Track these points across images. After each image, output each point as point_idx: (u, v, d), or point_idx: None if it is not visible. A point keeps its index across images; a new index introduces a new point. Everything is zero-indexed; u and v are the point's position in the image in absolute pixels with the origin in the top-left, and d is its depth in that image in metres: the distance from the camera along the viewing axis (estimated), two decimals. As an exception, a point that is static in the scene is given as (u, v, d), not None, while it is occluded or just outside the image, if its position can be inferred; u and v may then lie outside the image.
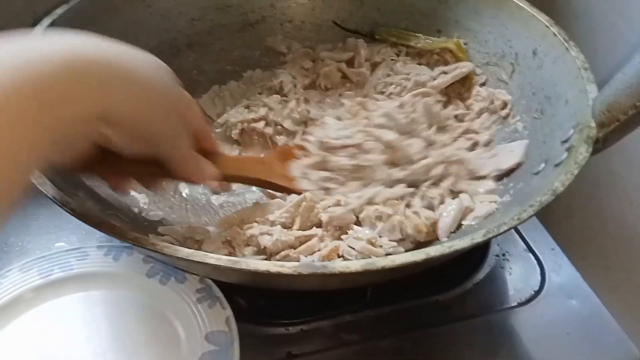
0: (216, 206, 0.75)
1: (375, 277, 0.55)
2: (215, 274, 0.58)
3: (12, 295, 0.64)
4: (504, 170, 0.68)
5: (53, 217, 0.78)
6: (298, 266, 0.46)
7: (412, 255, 0.47)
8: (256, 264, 0.46)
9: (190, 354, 0.59)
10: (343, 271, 0.46)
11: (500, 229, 0.50)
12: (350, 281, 0.54)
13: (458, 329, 0.67)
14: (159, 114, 0.51)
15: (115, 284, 0.65)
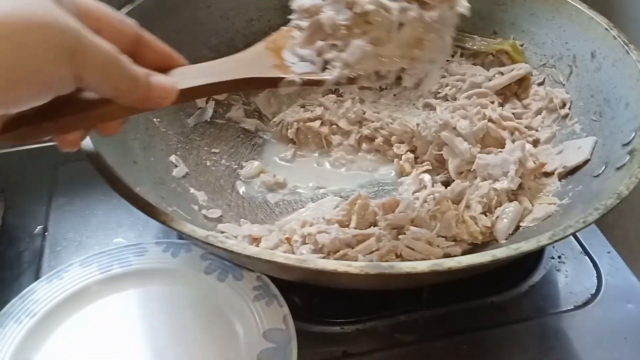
0: (272, 204, 0.76)
1: (439, 277, 0.55)
2: (279, 272, 0.58)
3: (73, 289, 0.65)
4: (569, 168, 0.68)
5: (111, 213, 0.80)
6: (365, 266, 0.46)
7: (478, 257, 0.47)
8: (324, 264, 0.47)
9: (248, 351, 0.60)
10: (410, 272, 0.46)
11: (566, 231, 0.50)
12: (414, 281, 0.55)
13: (514, 331, 0.66)
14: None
15: (173, 280, 0.66)
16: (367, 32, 0.54)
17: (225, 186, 0.77)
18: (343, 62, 0.54)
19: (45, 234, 0.77)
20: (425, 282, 0.58)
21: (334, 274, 0.47)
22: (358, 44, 0.53)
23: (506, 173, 0.67)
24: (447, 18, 0.55)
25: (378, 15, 0.53)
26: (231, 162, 0.81)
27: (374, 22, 0.53)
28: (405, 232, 0.64)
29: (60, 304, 0.63)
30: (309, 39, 0.57)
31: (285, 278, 0.60)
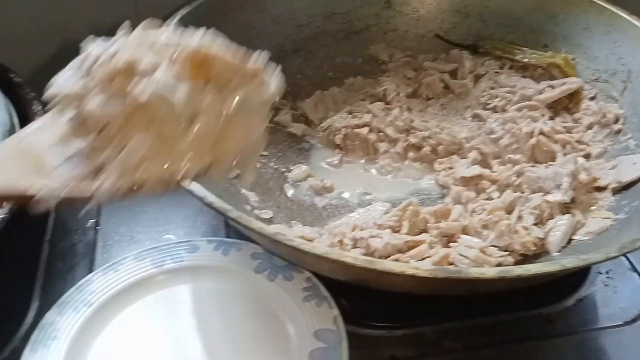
0: (319, 208, 0.77)
1: (504, 284, 0.55)
2: (342, 272, 0.58)
3: (128, 281, 0.66)
4: (624, 183, 0.68)
5: (160, 210, 0.81)
6: (434, 270, 0.47)
7: (546, 266, 0.48)
8: (391, 265, 0.47)
9: (299, 350, 0.60)
10: (478, 277, 0.46)
11: (634, 244, 0.50)
12: (477, 287, 0.55)
13: (561, 343, 0.66)
14: None
15: (224, 278, 0.67)
16: (149, 128, 0.40)
17: (274, 188, 0.78)
18: (120, 168, 0.40)
19: (97, 227, 0.78)
20: (488, 288, 0.58)
21: (399, 276, 0.47)
22: (137, 142, 0.40)
23: (559, 186, 0.67)
24: (255, 98, 0.44)
25: (160, 108, 0.40)
26: (279, 165, 0.82)
27: (155, 116, 0.40)
28: (455, 240, 0.64)
29: (116, 296, 0.65)
30: (74, 133, 0.42)
31: (344, 278, 0.60)
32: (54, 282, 0.71)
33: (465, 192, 0.72)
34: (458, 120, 0.86)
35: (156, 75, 0.39)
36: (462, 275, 0.46)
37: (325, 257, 0.49)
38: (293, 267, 0.67)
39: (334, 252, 0.49)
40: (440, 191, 0.77)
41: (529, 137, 0.75)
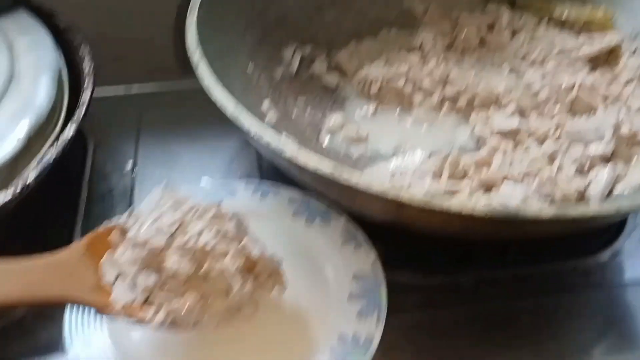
0: (354, 158, 0.76)
1: (557, 227, 0.54)
2: (391, 213, 0.57)
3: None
4: None
5: (195, 156, 0.82)
6: (491, 210, 0.46)
7: (604, 206, 0.48)
8: (449, 204, 0.47)
9: (338, 292, 0.61)
10: (535, 217, 0.46)
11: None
12: (529, 229, 0.54)
13: (597, 297, 0.66)
14: None
15: (263, 221, 0.67)
16: (198, 288, 0.50)
17: (310, 137, 0.78)
18: (170, 310, 0.50)
19: (134, 171, 0.79)
20: (538, 232, 0.58)
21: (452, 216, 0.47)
22: (189, 295, 0.50)
23: (601, 138, 0.67)
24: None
25: (218, 284, 0.51)
26: (315, 113, 0.82)
27: (211, 287, 0.51)
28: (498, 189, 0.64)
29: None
30: (139, 265, 0.50)
31: (390, 219, 0.60)
32: (93, 223, 0.70)
33: (502, 143, 0.72)
34: (495, 73, 0.84)
35: (226, 262, 0.51)
36: (519, 216, 0.46)
37: (382, 195, 0.48)
38: (331, 211, 0.67)
39: (392, 189, 0.48)
40: (476, 144, 0.77)
41: (568, 90, 0.74)
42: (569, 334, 0.63)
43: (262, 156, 0.80)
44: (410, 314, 0.64)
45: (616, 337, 0.63)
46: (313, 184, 0.62)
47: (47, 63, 0.71)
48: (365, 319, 0.59)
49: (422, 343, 0.61)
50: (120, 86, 0.93)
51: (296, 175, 0.62)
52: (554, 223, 0.49)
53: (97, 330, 0.58)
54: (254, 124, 0.57)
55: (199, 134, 0.84)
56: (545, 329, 0.63)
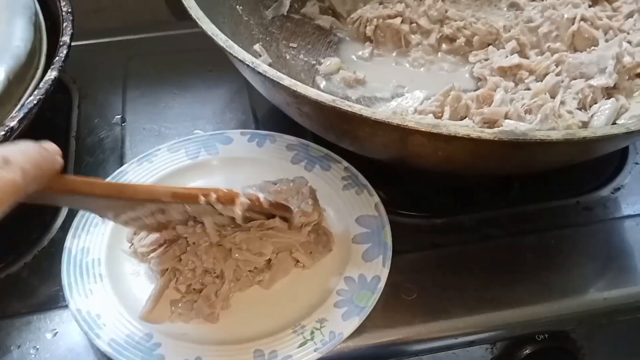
0: (353, 100, 0.75)
1: (567, 150, 0.53)
2: (395, 147, 0.55)
3: (164, 172, 0.66)
4: None
5: (187, 106, 0.80)
6: (498, 132, 0.45)
7: (612, 129, 0.46)
8: (456, 129, 0.45)
9: (342, 234, 0.60)
10: (544, 139, 0.45)
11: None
12: (539, 155, 0.53)
13: (600, 230, 0.66)
14: None
15: (261, 169, 0.66)
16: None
17: (306, 80, 0.76)
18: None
19: (123, 124, 0.77)
20: (548, 159, 0.56)
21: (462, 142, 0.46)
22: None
23: (603, 70, 0.66)
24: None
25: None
26: (309, 57, 0.80)
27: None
28: (500, 125, 0.63)
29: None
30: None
31: (395, 154, 0.58)
32: (85, 175, 0.70)
33: (503, 82, 0.70)
34: (493, 10, 0.82)
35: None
36: (528, 138, 0.45)
37: (387, 122, 0.46)
38: (330, 157, 0.66)
39: (396, 118, 0.46)
40: (476, 84, 0.75)
41: (570, 23, 0.72)
42: (572, 268, 0.63)
43: (256, 104, 0.78)
44: (415, 254, 0.63)
45: (617, 271, 0.63)
46: (312, 123, 0.60)
47: (21, 4, 0.67)
48: (372, 259, 0.58)
49: (427, 282, 0.60)
50: (104, 34, 0.90)
51: (295, 114, 0.60)
52: (563, 147, 0.47)
53: (97, 282, 0.56)
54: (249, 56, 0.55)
55: (188, 83, 0.82)
56: (548, 265, 0.63)
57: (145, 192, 0.50)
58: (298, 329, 0.54)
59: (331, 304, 0.55)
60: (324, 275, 0.58)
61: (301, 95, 0.50)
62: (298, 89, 0.50)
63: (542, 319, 0.59)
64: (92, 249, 0.58)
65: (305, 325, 0.54)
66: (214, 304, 0.54)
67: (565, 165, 0.59)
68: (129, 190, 0.50)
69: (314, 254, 0.59)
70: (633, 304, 0.61)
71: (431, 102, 0.65)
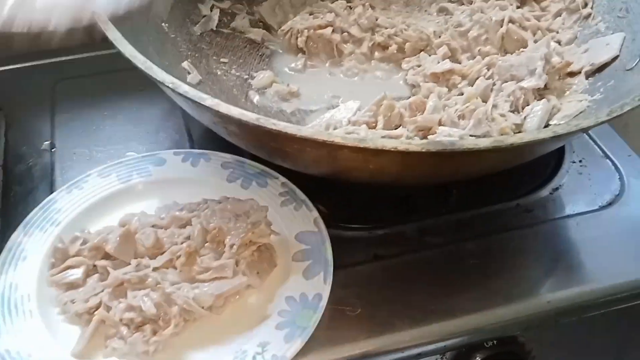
0: (288, 113, 0.74)
1: (497, 157, 0.53)
2: (324, 162, 0.55)
3: (95, 199, 0.64)
4: (597, 65, 0.67)
5: (119, 128, 0.77)
6: (426, 143, 0.44)
7: (540, 133, 0.46)
8: (383, 142, 0.44)
9: (282, 252, 0.59)
10: (471, 148, 0.44)
11: (623, 108, 0.49)
12: (470, 163, 0.53)
13: (541, 231, 0.66)
14: None
15: (196, 190, 0.64)
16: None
17: (239, 96, 0.75)
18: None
19: (52, 150, 0.74)
20: (477, 167, 0.56)
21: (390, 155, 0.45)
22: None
23: (533, 71, 0.66)
24: None
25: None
26: (241, 72, 0.79)
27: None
28: (433, 132, 0.63)
29: (84, 213, 0.62)
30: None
31: (326, 170, 0.57)
32: (13, 206, 0.67)
33: (436, 88, 0.70)
34: (424, 15, 0.83)
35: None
36: (456, 148, 0.44)
37: (313, 139, 0.46)
38: (267, 173, 0.65)
39: (322, 134, 0.46)
40: (410, 90, 0.75)
41: (498, 25, 0.73)
42: (516, 271, 0.63)
43: (190, 123, 0.76)
44: (357, 268, 0.62)
45: (563, 271, 0.63)
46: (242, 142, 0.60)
47: None
48: (313, 277, 0.57)
49: (371, 296, 0.59)
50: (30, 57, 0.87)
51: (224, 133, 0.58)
52: (492, 154, 0.47)
53: (27, 319, 0.54)
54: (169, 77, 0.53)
55: (119, 103, 0.80)
56: (492, 269, 0.62)
57: None
58: (239, 355, 0.52)
59: (273, 326, 0.54)
60: (265, 296, 0.57)
61: (224, 115, 0.48)
62: (221, 108, 0.48)
63: (488, 326, 0.59)
64: (21, 285, 0.56)
65: (246, 350, 0.52)
66: (148, 342, 0.52)
67: (500, 169, 0.59)
68: None
69: (261, 273, 0.58)
70: (578, 304, 0.61)
71: (364, 113, 0.64)
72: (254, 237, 0.57)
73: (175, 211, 0.60)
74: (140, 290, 0.54)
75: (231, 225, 0.57)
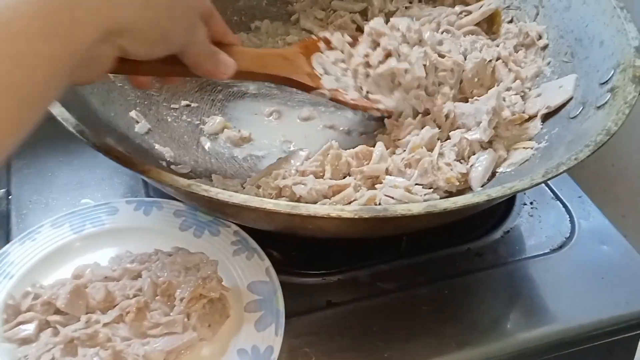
0: (240, 159, 0.74)
1: (432, 220, 0.54)
2: (265, 221, 0.56)
3: (47, 250, 0.63)
4: (553, 107, 0.68)
5: (74, 174, 0.77)
6: (358, 210, 0.45)
7: (474, 197, 0.47)
8: (316, 209, 0.45)
9: (235, 304, 0.59)
10: (405, 214, 0.45)
11: (559, 168, 0.50)
12: (405, 225, 0.54)
13: (492, 275, 0.67)
14: (169, 13, 0.48)
15: (149, 238, 0.64)
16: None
17: (190, 142, 0.75)
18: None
19: (9, 197, 0.74)
20: (416, 226, 0.58)
21: (325, 220, 0.46)
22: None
23: (479, 123, 0.67)
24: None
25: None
26: (192, 117, 0.79)
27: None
28: (380, 181, 0.64)
29: (37, 265, 0.62)
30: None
31: (268, 228, 0.59)
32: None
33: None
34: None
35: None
36: (389, 214, 0.45)
37: (245, 205, 0.46)
38: (219, 221, 0.65)
39: (254, 200, 0.46)
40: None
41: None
42: (471, 316, 0.63)
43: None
44: (311, 316, 0.62)
45: (519, 314, 0.64)
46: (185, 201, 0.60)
47: None
48: (264, 328, 0.57)
49: (324, 345, 0.60)
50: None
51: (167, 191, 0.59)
52: (427, 217, 0.48)
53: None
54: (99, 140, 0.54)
55: (74, 149, 0.79)
56: (446, 314, 0.63)
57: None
58: (188, 415, 0.52)
59: (224, 382, 0.54)
60: (218, 348, 0.57)
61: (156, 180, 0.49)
62: (151, 174, 0.49)
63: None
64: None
65: (199, 405, 0.52)
66: None
67: (439, 225, 0.60)
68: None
69: (213, 325, 0.58)
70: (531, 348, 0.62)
71: (311, 162, 0.65)
72: (204, 291, 0.57)
73: (126, 263, 0.60)
74: (91, 347, 0.54)
75: (181, 278, 0.57)
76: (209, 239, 0.64)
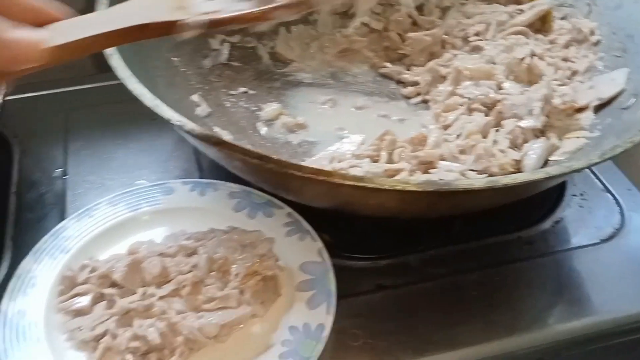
0: (294, 145, 0.75)
1: (491, 197, 0.54)
2: (326, 198, 0.57)
3: (104, 226, 0.65)
4: (605, 99, 0.68)
5: (130, 156, 0.79)
6: (422, 183, 0.46)
7: (532, 175, 0.48)
8: (381, 181, 0.46)
9: (287, 282, 0.60)
10: (466, 188, 0.46)
11: (615, 150, 0.50)
12: (465, 202, 0.54)
13: (542, 264, 0.67)
14: None
15: (204, 219, 0.65)
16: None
17: (247, 127, 0.77)
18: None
19: (64, 177, 0.76)
20: (474, 204, 0.58)
21: (388, 193, 0.47)
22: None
23: (531, 111, 0.67)
24: None
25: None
26: (250, 104, 0.80)
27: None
28: (434, 167, 0.64)
29: (93, 241, 0.63)
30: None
31: (329, 204, 0.59)
32: (25, 233, 0.68)
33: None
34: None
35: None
36: (451, 187, 0.46)
37: (315, 177, 0.47)
38: (273, 203, 0.66)
39: (323, 171, 0.47)
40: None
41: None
42: (519, 304, 0.63)
43: (200, 153, 0.77)
44: (360, 298, 0.63)
45: (566, 304, 0.64)
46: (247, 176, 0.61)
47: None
48: (316, 307, 0.58)
49: (373, 327, 0.60)
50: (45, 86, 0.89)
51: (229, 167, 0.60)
52: (487, 193, 0.48)
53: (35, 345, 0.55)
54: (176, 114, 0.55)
55: (131, 133, 0.82)
56: (495, 301, 0.63)
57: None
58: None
59: (276, 356, 0.54)
60: (269, 325, 0.58)
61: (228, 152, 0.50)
62: (224, 147, 0.50)
63: (490, 358, 0.60)
64: (29, 311, 0.57)
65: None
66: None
67: (497, 206, 0.60)
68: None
69: (265, 302, 0.59)
70: (580, 337, 0.62)
71: (367, 147, 0.66)
72: (259, 268, 0.58)
73: (182, 240, 0.62)
74: (147, 319, 0.55)
75: (237, 255, 0.59)
76: (262, 220, 0.65)
